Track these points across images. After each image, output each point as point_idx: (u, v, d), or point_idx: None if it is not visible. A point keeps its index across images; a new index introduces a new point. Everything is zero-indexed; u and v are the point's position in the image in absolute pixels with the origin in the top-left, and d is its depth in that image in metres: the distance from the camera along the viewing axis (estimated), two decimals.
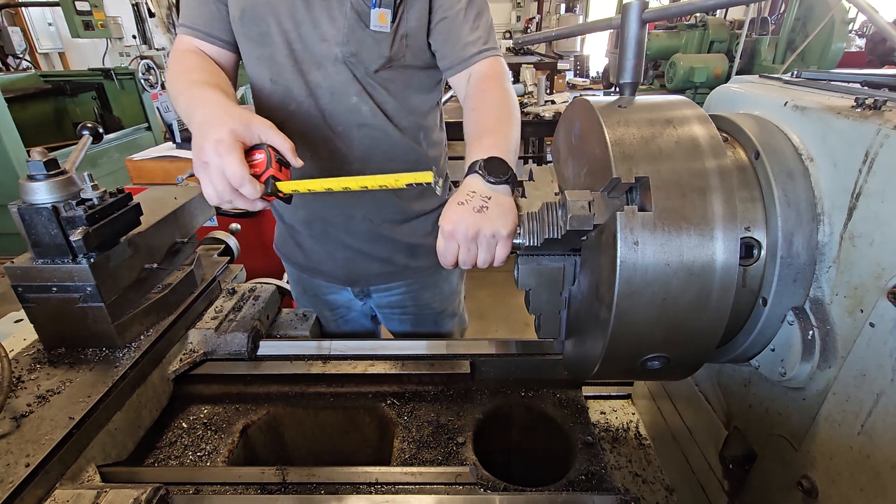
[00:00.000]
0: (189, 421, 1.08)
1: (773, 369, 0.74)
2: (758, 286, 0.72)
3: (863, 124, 0.62)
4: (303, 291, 1.57)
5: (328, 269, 1.43)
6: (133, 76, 5.00)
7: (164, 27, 5.52)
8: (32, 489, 0.76)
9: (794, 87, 0.85)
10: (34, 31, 6.65)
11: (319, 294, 1.53)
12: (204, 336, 1.19)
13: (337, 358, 1.19)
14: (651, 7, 0.72)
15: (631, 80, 0.74)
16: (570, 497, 0.87)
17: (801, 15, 5.65)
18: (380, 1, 1.08)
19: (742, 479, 0.85)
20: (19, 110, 4.32)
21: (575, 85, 6.47)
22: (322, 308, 1.54)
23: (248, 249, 1.92)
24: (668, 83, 5.92)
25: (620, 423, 1.30)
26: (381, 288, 1.47)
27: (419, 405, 1.10)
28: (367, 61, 1.14)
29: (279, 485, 0.89)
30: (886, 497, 0.58)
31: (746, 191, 0.72)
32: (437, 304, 1.52)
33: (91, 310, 0.98)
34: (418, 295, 1.49)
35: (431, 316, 1.54)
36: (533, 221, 0.78)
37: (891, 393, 0.57)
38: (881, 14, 0.72)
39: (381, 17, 1.09)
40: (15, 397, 0.91)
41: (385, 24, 1.10)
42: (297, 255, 1.47)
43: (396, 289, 1.48)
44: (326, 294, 1.52)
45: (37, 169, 0.92)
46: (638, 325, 0.63)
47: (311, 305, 1.54)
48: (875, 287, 0.59)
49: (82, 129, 1.15)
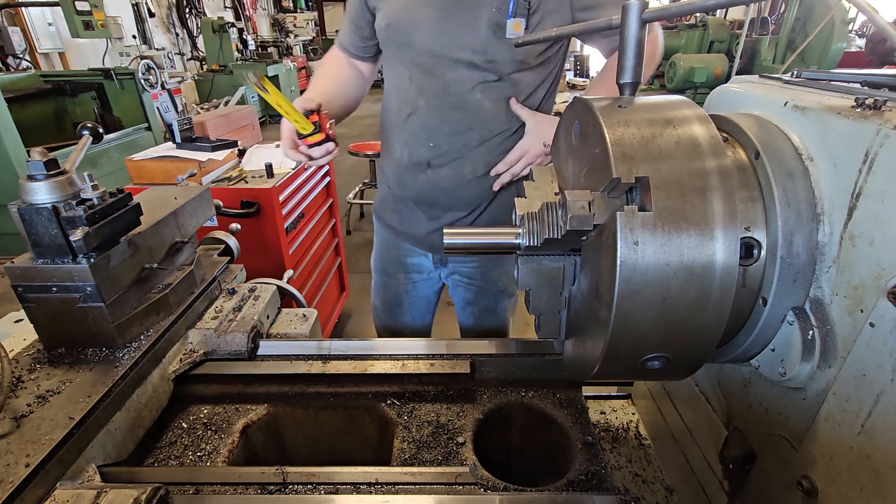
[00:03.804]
0: (189, 421, 1.08)
1: (773, 369, 0.74)
2: (758, 286, 0.72)
3: (863, 124, 0.62)
4: (386, 250, 1.76)
5: (417, 234, 1.62)
6: (133, 76, 5.01)
7: (164, 27, 5.52)
8: (32, 489, 0.76)
9: (794, 87, 0.85)
10: (34, 31, 6.64)
11: (401, 256, 1.71)
12: (204, 336, 1.19)
13: (337, 358, 1.19)
14: (651, 7, 0.71)
15: (631, 80, 0.74)
16: (570, 497, 0.87)
17: (801, 15, 5.65)
18: (515, 11, 1.22)
19: (742, 479, 0.85)
20: (19, 110, 4.32)
21: (575, 85, 6.48)
22: (398, 270, 1.74)
23: (248, 249, 1.93)
24: (668, 83, 5.92)
25: (620, 423, 1.30)
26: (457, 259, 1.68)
27: (419, 405, 1.10)
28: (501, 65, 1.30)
29: (279, 485, 0.89)
30: (886, 497, 0.58)
31: (746, 191, 0.72)
32: (502, 282, 1.69)
33: (91, 310, 0.98)
34: (487, 271, 1.67)
35: (493, 292, 1.70)
36: (533, 221, 0.78)
37: (891, 393, 0.57)
38: (881, 14, 0.72)
39: (517, 25, 1.23)
40: (15, 397, 0.91)
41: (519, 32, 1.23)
42: (392, 219, 1.67)
43: (471, 262, 1.67)
44: (408, 257, 1.71)
45: (37, 169, 0.92)
46: (638, 325, 0.63)
47: (390, 264, 1.75)
48: (875, 287, 0.59)
49: (82, 129, 1.15)
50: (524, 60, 1.29)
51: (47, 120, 5.05)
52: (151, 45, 7.64)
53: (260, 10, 13.91)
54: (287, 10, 15.56)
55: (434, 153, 1.42)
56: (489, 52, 1.26)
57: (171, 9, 9.55)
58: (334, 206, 3.28)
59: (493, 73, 1.30)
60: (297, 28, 14.57)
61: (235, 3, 12.07)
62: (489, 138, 1.40)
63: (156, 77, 4.97)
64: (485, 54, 1.27)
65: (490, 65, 1.28)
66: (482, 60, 1.28)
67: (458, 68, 1.30)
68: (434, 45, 1.30)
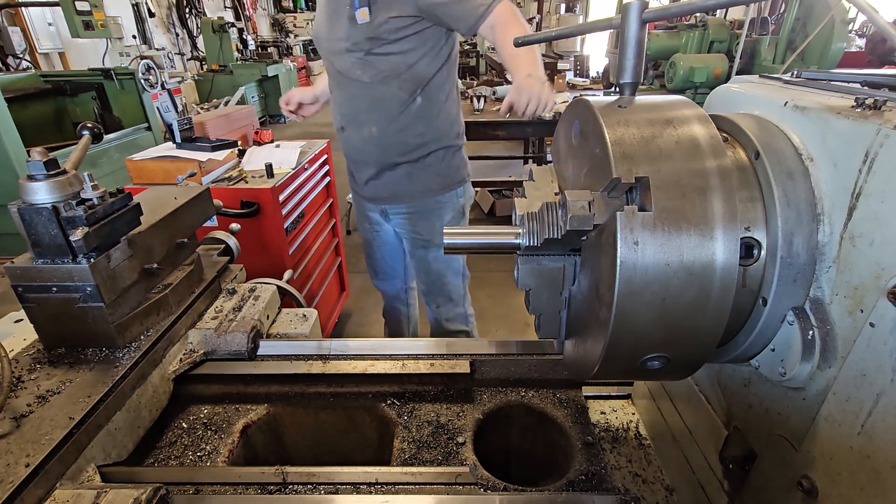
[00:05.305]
0: (189, 421, 1.08)
1: (773, 369, 0.74)
2: (758, 286, 0.72)
3: (863, 124, 0.62)
4: (356, 206, 2.26)
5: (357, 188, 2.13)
6: (133, 76, 5.00)
7: (164, 27, 5.52)
8: (32, 489, 0.76)
9: (794, 87, 0.85)
10: (34, 31, 6.63)
11: (363, 210, 2.19)
12: (204, 336, 1.19)
13: (337, 358, 1.19)
14: (651, 7, 0.71)
15: (631, 80, 0.74)
16: (570, 497, 0.87)
17: (801, 15, 5.65)
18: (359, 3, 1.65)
19: (742, 479, 0.85)
20: (19, 110, 4.32)
21: (575, 85, 6.46)
22: (363, 221, 2.23)
23: (248, 249, 1.93)
24: (668, 83, 5.92)
25: (620, 423, 1.30)
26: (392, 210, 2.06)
27: (419, 405, 1.10)
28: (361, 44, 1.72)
29: (279, 485, 0.89)
30: (886, 497, 0.58)
31: (746, 191, 0.72)
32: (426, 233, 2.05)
33: (91, 310, 0.98)
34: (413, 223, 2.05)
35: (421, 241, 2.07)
36: (533, 221, 0.78)
37: (891, 393, 0.57)
38: (881, 14, 0.72)
39: (363, 13, 1.66)
40: (15, 397, 0.91)
41: (366, 18, 1.66)
42: (353, 182, 2.15)
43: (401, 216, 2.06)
44: (366, 210, 2.17)
45: (37, 169, 0.92)
46: (638, 325, 0.63)
47: (361, 218, 2.24)
48: (875, 287, 0.59)
49: (82, 129, 1.15)
50: (376, 37, 1.68)
51: (47, 120, 5.05)
52: (151, 45, 7.63)
53: (260, 10, 13.91)
54: (287, 10, 15.55)
55: (345, 120, 1.91)
56: (351, 38, 1.71)
57: (171, 9, 9.55)
58: (334, 206, 3.28)
59: (358, 51, 1.72)
60: (297, 28, 14.57)
61: (235, 3, 12.07)
62: (375, 105, 1.82)
63: (156, 77, 4.96)
64: (349, 40, 1.72)
65: (355, 46, 1.72)
66: (350, 44, 1.72)
67: (341, 54, 1.77)
68: (327, 42, 1.82)
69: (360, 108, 1.85)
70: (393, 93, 1.79)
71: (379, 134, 1.86)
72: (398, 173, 1.94)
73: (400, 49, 1.72)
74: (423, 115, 1.85)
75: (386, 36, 1.69)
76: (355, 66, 1.76)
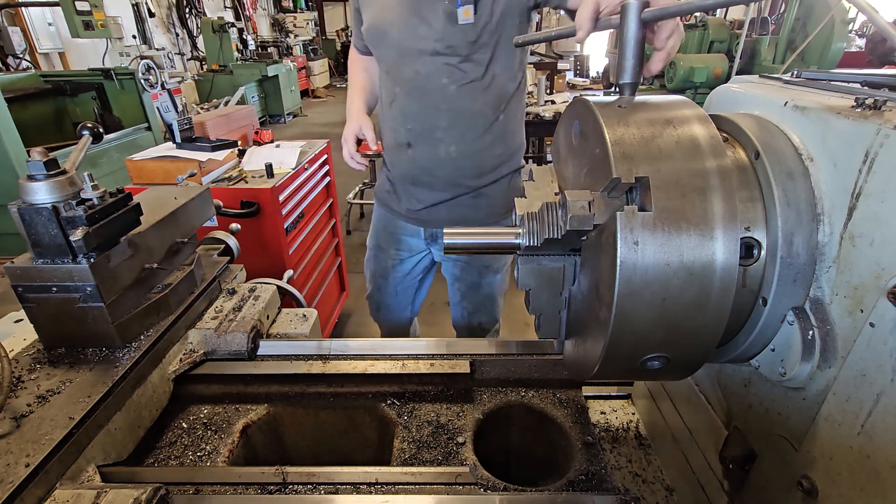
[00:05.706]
0: (189, 421, 1.08)
1: (773, 369, 0.74)
2: (758, 286, 0.72)
3: (863, 124, 0.62)
4: (382, 228, 1.92)
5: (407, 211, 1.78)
6: (133, 76, 4.99)
7: (164, 27, 5.52)
8: (32, 489, 0.76)
9: (794, 87, 0.85)
10: (34, 31, 6.63)
11: (396, 232, 1.87)
12: (204, 336, 1.19)
13: (337, 358, 1.19)
14: (651, 7, 0.71)
15: (631, 81, 0.74)
16: (570, 497, 0.87)
17: (801, 15, 5.65)
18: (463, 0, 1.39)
19: (742, 479, 0.85)
20: (19, 110, 4.32)
21: (575, 85, 6.46)
22: (390, 245, 1.90)
23: (248, 249, 1.93)
24: (668, 83, 5.93)
25: (620, 423, 1.30)
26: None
27: (419, 405, 1.10)
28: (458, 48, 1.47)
29: (279, 485, 0.89)
30: (886, 497, 0.58)
31: (746, 191, 0.72)
32: (485, 258, 1.83)
33: (91, 310, 0.98)
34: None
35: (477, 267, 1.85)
36: (533, 221, 0.78)
37: (891, 393, 0.57)
38: (881, 14, 0.72)
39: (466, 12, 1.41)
40: (15, 397, 0.91)
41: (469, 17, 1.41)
42: (388, 199, 1.84)
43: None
44: (401, 233, 1.86)
45: (37, 169, 0.92)
46: (638, 325, 0.63)
47: (384, 240, 1.91)
48: (875, 287, 0.59)
49: (82, 129, 1.15)
50: (476, 41, 1.45)
51: (47, 120, 5.05)
52: (151, 45, 7.64)
53: (260, 10, 13.91)
54: (287, 10, 15.56)
55: (412, 135, 1.61)
56: (447, 39, 1.45)
57: (171, 9, 9.56)
58: (334, 206, 3.28)
59: (453, 55, 1.47)
60: (297, 28, 14.58)
61: (235, 3, 12.07)
62: (458, 121, 1.56)
63: (156, 77, 4.96)
64: (443, 41, 1.45)
65: (449, 49, 1.46)
66: (442, 46, 1.46)
67: (424, 56, 1.49)
68: (402, 39, 1.50)
69: (437, 124, 1.55)
70: (478, 108, 1.54)
71: (457, 154, 1.59)
72: (465, 198, 1.68)
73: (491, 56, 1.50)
74: (504, 133, 1.62)
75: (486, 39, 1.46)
76: (441, 72, 1.49)
